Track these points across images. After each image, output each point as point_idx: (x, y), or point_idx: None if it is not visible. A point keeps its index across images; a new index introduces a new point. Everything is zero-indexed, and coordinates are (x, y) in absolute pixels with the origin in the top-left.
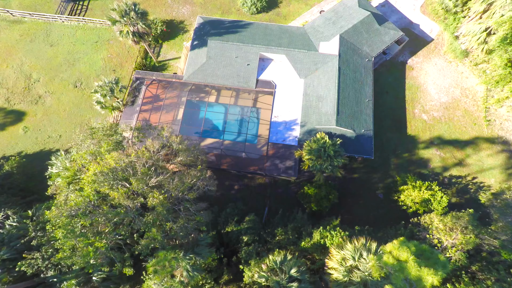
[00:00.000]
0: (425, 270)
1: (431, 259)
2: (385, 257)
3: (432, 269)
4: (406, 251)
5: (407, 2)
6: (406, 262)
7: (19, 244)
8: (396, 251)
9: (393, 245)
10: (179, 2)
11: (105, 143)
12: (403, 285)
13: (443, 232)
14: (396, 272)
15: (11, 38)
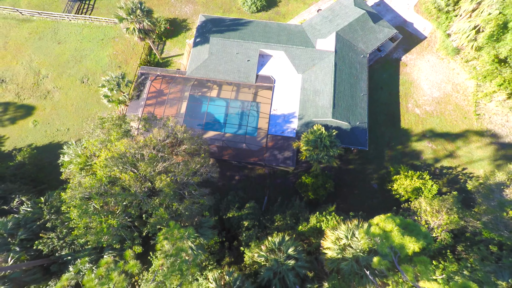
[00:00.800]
0: (407, 238)
1: (414, 231)
2: (372, 228)
3: (413, 237)
4: (391, 223)
5: (402, 2)
6: (391, 232)
7: (35, 226)
8: (383, 222)
9: (379, 218)
10: (182, 1)
11: (114, 132)
12: (388, 252)
13: (430, 214)
14: (382, 240)
15: (21, 36)
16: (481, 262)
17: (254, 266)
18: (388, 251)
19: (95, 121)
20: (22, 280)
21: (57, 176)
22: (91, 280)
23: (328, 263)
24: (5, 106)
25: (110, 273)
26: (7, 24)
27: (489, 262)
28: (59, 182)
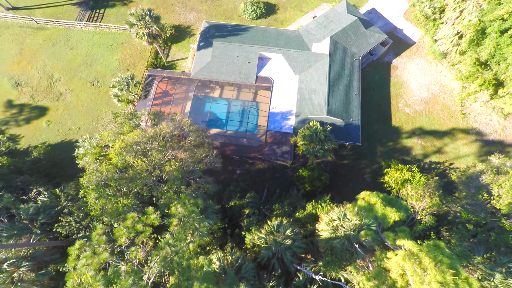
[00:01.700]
0: (389, 209)
1: (396, 205)
2: (359, 202)
3: (394, 209)
4: (375, 197)
5: (392, 10)
6: (375, 204)
7: (53, 212)
8: (368, 197)
9: (365, 193)
10: (186, 10)
11: (126, 125)
12: (373, 222)
13: (415, 198)
14: (367, 212)
15: (35, 42)
16: (459, 239)
17: (254, 249)
18: (373, 221)
19: (109, 116)
20: (43, 260)
21: (69, 172)
22: (120, 229)
23: (323, 243)
24: (21, 108)
25: (135, 225)
26: (23, 32)
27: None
28: (71, 177)
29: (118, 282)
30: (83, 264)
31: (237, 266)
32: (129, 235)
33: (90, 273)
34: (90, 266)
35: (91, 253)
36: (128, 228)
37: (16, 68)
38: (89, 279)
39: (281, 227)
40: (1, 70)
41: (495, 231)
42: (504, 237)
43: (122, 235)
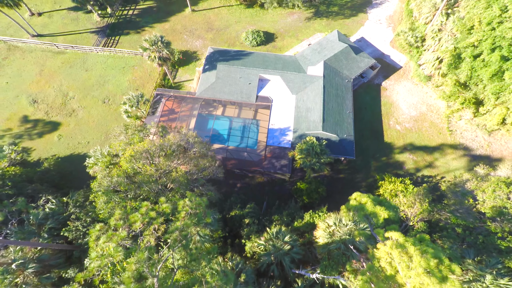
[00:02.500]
0: (378, 207)
1: (385, 205)
2: (351, 202)
3: (383, 207)
4: (366, 197)
5: (379, 38)
6: (365, 203)
7: (61, 218)
8: (359, 197)
9: (357, 194)
10: (193, 37)
11: (136, 136)
12: (364, 220)
13: (406, 205)
14: (358, 210)
15: (54, 65)
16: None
17: (254, 257)
18: (364, 219)
19: (121, 127)
20: (48, 264)
21: (77, 184)
22: (135, 215)
23: (320, 249)
24: (35, 123)
25: (149, 212)
26: (44, 55)
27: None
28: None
29: (135, 254)
30: (104, 241)
31: (237, 271)
32: (143, 221)
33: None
34: (110, 243)
35: (111, 232)
36: (142, 215)
37: (35, 87)
38: (111, 250)
39: (280, 234)
40: (21, 89)
41: (482, 234)
42: (491, 239)
43: (137, 220)
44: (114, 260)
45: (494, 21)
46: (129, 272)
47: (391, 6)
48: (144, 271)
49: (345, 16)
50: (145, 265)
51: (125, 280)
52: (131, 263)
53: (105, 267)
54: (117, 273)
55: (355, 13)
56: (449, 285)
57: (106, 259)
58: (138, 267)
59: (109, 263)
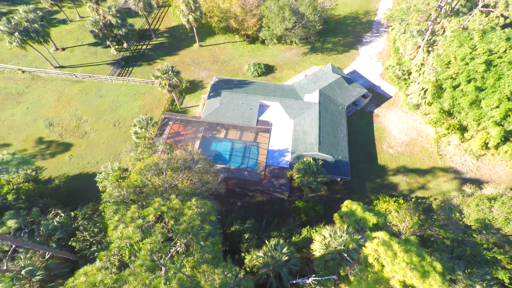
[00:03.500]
0: (367, 213)
1: (374, 211)
2: (343, 208)
3: (372, 213)
4: (356, 204)
5: (370, 71)
6: (356, 210)
7: (69, 229)
8: (350, 204)
9: (348, 201)
10: (200, 68)
11: (146, 153)
12: (355, 225)
13: (398, 220)
14: (349, 216)
15: (72, 92)
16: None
17: (253, 270)
18: (354, 224)
19: (132, 144)
20: (54, 274)
21: (84, 201)
22: (149, 210)
23: (317, 261)
24: (49, 144)
25: (161, 207)
26: (63, 84)
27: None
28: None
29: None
30: (124, 227)
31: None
32: (155, 214)
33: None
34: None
35: (129, 219)
36: (155, 209)
37: (52, 111)
38: (130, 232)
39: (278, 246)
40: (40, 113)
41: (469, 246)
42: (477, 250)
43: (151, 213)
44: (132, 241)
45: (466, 57)
46: (144, 251)
47: (380, 44)
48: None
49: (339, 52)
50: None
51: (141, 257)
52: (147, 243)
53: (124, 247)
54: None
55: (347, 50)
56: (431, 279)
57: (126, 240)
58: (152, 247)
59: (128, 244)
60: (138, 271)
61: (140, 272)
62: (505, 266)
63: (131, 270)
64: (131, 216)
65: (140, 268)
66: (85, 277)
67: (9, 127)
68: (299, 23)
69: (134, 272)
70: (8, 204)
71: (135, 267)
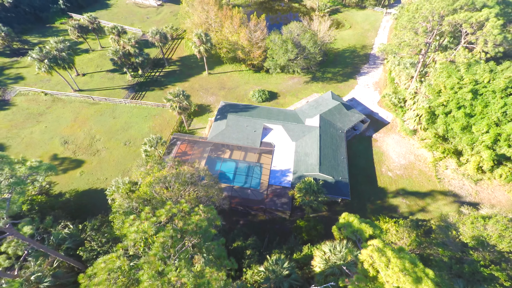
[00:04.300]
0: (364, 225)
1: (369, 223)
2: (340, 220)
3: (368, 225)
4: (353, 216)
5: (368, 99)
6: (353, 221)
7: (78, 239)
8: (347, 216)
9: (345, 214)
10: (208, 94)
11: (155, 168)
12: (352, 236)
13: (397, 237)
14: (346, 227)
15: (87, 113)
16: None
17: (254, 286)
18: (352, 235)
19: (142, 160)
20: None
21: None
22: (161, 211)
23: (317, 276)
24: (62, 160)
25: (172, 209)
26: (81, 105)
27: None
28: None
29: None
30: (140, 223)
31: None
32: (167, 215)
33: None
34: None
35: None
36: (166, 211)
37: (68, 130)
38: (146, 226)
39: (280, 261)
40: (57, 132)
41: (467, 263)
42: (475, 267)
43: (163, 214)
44: (147, 235)
45: (455, 86)
46: (157, 243)
47: (377, 75)
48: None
49: (338, 81)
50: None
51: (155, 249)
52: (160, 236)
53: (139, 240)
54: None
55: (346, 79)
56: (423, 285)
57: (141, 233)
58: (165, 240)
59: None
60: (152, 259)
61: (154, 260)
62: (503, 284)
63: (145, 258)
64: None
65: (154, 257)
66: (105, 264)
67: (27, 144)
68: (300, 54)
69: (148, 260)
70: (22, 214)
71: (150, 256)
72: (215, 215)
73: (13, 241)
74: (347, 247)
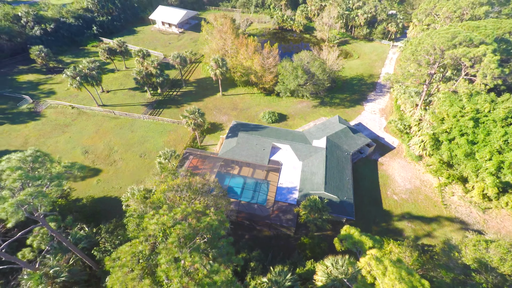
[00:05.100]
0: (364, 237)
1: (369, 236)
2: (342, 232)
3: (368, 237)
4: (354, 229)
5: (374, 125)
6: (353, 233)
7: (93, 240)
8: (348, 229)
9: (346, 226)
10: (221, 113)
11: (169, 178)
12: (352, 247)
13: (398, 256)
14: (347, 239)
15: (108, 126)
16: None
17: None
18: (352, 246)
19: (157, 169)
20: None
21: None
22: (177, 210)
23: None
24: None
25: (187, 209)
26: (103, 119)
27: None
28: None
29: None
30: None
31: None
32: (182, 213)
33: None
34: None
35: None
36: (182, 210)
37: (90, 141)
38: (165, 219)
39: (283, 273)
40: (79, 142)
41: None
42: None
43: (178, 212)
44: (165, 227)
45: (457, 114)
46: (175, 234)
47: (383, 102)
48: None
49: (345, 106)
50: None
51: (172, 238)
52: (177, 228)
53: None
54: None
55: (353, 105)
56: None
57: (160, 225)
58: (181, 232)
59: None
60: (170, 246)
61: (171, 247)
62: None
63: (164, 245)
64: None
65: (171, 245)
66: (129, 248)
67: (52, 151)
68: (310, 80)
69: (166, 247)
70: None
71: (168, 243)
72: (224, 218)
73: (38, 235)
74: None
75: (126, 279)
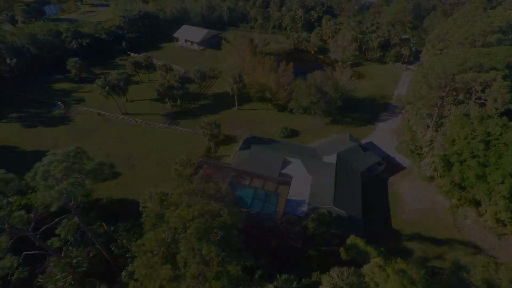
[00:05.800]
0: (369, 247)
1: (373, 247)
2: (348, 242)
3: (372, 248)
4: (359, 240)
5: (385, 144)
6: (359, 243)
7: (111, 236)
8: (354, 239)
9: (353, 237)
10: (235, 127)
11: (185, 183)
12: (357, 257)
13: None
14: (352, 248)
15: (130, 133)
16: None
17: None
18: (357, 255)
19: (174, 173)
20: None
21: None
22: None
23: None
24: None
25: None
26: (125, 126)
27: None
28: None
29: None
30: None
31: None
32: (200, 211)
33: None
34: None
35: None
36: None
37: (112, 146)
38: (185, 213)
39: (289, 281)
40: (102, 147)
41: None
42: None
43: (196, 209)
44: (185, 220)
45: (468, 137)
46: (193, 226)
47: (395, 122)
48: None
49: (357, 125)
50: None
51: (191, 229)
52: (196, 222)
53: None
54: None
55: (365, 124)
56: None
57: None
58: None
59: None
60: (189, 237)
61: (190, 237)
62: None
63: (184, 235)
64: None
65: (190, 235)
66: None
67: None
68: (322, 99)
69: (186, 237)
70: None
71: (187, 234)
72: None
73: (66, 227)
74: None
75: (151, 262)
